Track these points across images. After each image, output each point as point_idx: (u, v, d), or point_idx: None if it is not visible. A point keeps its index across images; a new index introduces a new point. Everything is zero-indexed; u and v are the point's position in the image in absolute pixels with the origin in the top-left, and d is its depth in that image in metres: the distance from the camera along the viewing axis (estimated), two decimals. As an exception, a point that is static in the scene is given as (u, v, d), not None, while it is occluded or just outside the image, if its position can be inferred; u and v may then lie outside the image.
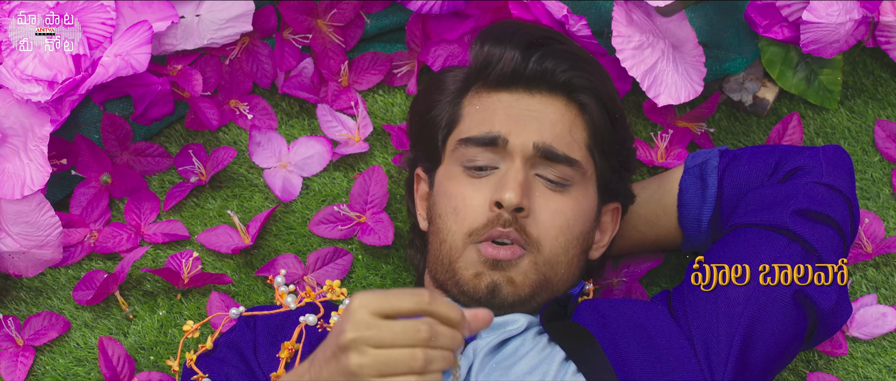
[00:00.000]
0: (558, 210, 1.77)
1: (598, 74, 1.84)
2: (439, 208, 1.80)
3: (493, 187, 1.76)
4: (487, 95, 1.82)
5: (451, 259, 1.76)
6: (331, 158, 2.03)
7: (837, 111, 2.06)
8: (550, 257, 1.76)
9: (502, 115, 1.79)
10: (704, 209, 1.86)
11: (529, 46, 1.81)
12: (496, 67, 1.80)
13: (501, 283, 1.74)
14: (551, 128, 1.78)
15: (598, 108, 1.81)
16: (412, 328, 1.38)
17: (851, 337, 1.99)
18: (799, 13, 1.96)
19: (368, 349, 1.38)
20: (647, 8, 1.95)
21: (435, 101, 1.85)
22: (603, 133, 1.82)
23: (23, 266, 1.98)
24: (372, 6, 2.05)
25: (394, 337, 1.38)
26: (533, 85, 1.80)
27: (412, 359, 1.37)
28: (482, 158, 1.78)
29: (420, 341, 1.37)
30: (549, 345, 1.74)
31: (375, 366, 1.38)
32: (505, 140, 1.77)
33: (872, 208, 2.03)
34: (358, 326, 1.39)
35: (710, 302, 1.76)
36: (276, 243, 2.02)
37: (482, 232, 1.75)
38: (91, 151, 1.99)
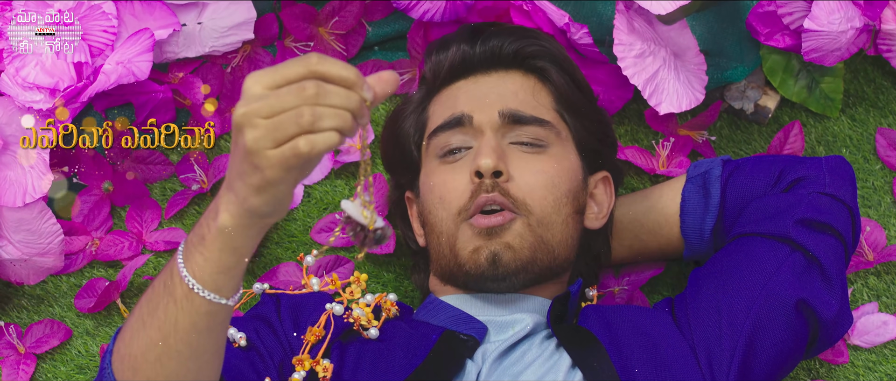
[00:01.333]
0: (539, 170, 1.78)
1: (547, 40, 1.87)
2: (428, 205, 1.81)
3: (469, 163, 1.77)
4: (447, 90, 1.85)
5: (451, 245, 1.77)
6: (332, 165, 2.03)
7: (839, 119, 2.06)
8: (542, 216, 1.76)
9: (464, 98, 1.82)
10: (707, 219, 1.86)
11: (473, 33, 1.85)
12: (447, 62, 1.84)
13: (500, 251, 1.74)
14: (513, 97, 1.81)
15: (556, 70, 1.84)
16: (297, 88, 1.30)
17: (853, 345, 1.99)
18: (800, 21, 1.96)
19: (259, 121, 1.31)
20: (648, 16, 1.95)
21: (400, 120, 1.88)
22: (567, 94, 1.84)
23: (24, 274, 1.98)
24: (373, 14, 2.05)
25: (282, 102, 1.30)
26: (486, 65, 1.84)
27: (298, 116, 1.29)
28: (454, 141, 1.80)
29: (307, 98, 1.30)
30: (556, 351, 1.74)
31: (267, 135, 1.30)
32: (469, 117, 1.79)
33: (874, 217, 2.03)
34: (248, 101, 1.32)
35: (713, 310, 1.76)
36: (278, 250, 2.01)
37: (469, 206, 1.75)
38: (93, 158, 1.99)
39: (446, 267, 1.79)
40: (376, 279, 2.01)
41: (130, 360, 1.49)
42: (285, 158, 1.31)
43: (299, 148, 1.30)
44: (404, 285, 2.01)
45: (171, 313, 1.44)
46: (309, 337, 1.73)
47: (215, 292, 1.42)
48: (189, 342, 1.45)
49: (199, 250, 1.41)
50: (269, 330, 1.74)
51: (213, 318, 1.44)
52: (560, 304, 1.78)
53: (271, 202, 1.35)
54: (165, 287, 1.45)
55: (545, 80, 1.84)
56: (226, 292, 1.43)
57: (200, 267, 1.42)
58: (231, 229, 1.38)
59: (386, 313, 1.80)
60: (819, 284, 1.76)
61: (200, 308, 1.43)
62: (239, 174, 1.35)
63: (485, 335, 1.76)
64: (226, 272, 1.42)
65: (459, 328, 1.76)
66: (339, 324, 1.76)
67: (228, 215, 1.38)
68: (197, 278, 1.42)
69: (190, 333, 1.45)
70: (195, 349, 1.46)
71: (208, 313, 1.43)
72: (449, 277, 1.79)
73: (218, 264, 1.41)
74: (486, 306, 1.79)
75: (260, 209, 1.35)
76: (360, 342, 1.75)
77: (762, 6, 1.98)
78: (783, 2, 1.96)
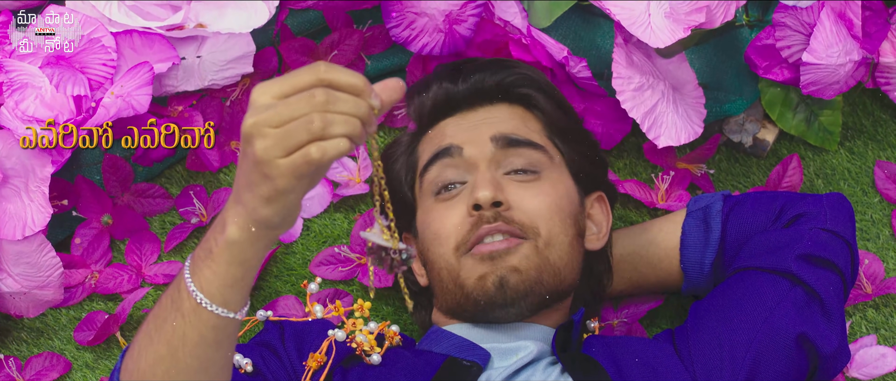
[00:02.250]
0: (540, 193, 1.78)
1: (527, 68, 1.87)
2: (426, 242, 1.81)
3: (466, 199, 1.77)
4: (434, 129, 1.86)
5: (454, 279, 1.77)
6: (331, 199, 2.03)
7: (837, 152, 2.07)
8: (550, 238, 1.76)
9: (452, 130, 1.83)
10: (707, 253, 1.87)
11: (453, 71, 1.86)
12: (429, 101, 1.84)
13: (506, 274, 1.74)
14: (504, 124, 1.82)
15: (542, 97, 1.85)
16: (307, 96, 1.30)
17: (851, 378, 1.99)
18: (798, 54, 1.96)
19: (269, 130, 1.30)
20: (647, 49, 1.95)
21: (390, 163, 1.88)
22: (556, 119, 1.85)
23: (24, 307, 1.98)
24: (372, 47, 2.05)
25: (291, 110, 1.30)
26: (471, 101, 1.85)
27: (309, 123, 1.29)
28: (447, 175, 1.80)
29: (317, 105, 1.29)
30: (560, 377, 1.74)
31: (278, 144, 1.30)
32: (459, 148, 1.80)
33: (872, 249, 2.03)
34: (256, 110, 1.32)
35: (714, 343, 1.76)
36: (277, 284, 2.02)
37: (469, 239, 1.75)
38: (92, 191, 1.99)
39: (452, 301, 1.78)
40: (375, 313, 2.00)
41: (139, 375, 1.49)
42: (296, 167, 1.30)
43: (311, 155, 1.29)
44: (404, 318, 2.01)
45: (179, 328, 1.44)
46: (310, 363, 1.73)
47: (223, 305, 1.42)
48: (197, 356, 1.45)
49: (207, 264, 1.41)
50: (274, 357, 1.74)
51: (222, 332, 1.44)
52: (564, 332, 1.79)
53: (281, 212, 1.35)
54: (173, 302, 1.45)
55: (532, 107, 1.85)
56: (234, 305, 1.43)
57: (208, 281, 1.42)
58: (239, 241, 1.38)
59: (389, 341, 1.80)
60: (819, 319, 1.77)
61: (209, 322, 1.43)
62: (248, 185, 1.34)
63: (488, 362, 1.76)
64: (234, 286, 1.41)
65: (463, 355, 1.76)
66: (340, 350, 1.76)
67: (236, 227, 1.38)
68: (205, 293, 1.42)
69: (198, 347, 1.44)
70: (204, 363, 1.46)
71: (216, 326, 1.43)
72: (456, 310, 1.79)
73: (226, 278, 1.41)
74: (490, 334, 1.79)
75: (270, 220, 1.35)
76: (363, 367, 1.76)
77: (761, 39, 1.98)
78: (781, 35, 1.96)
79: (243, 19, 1.96)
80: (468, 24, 1.99)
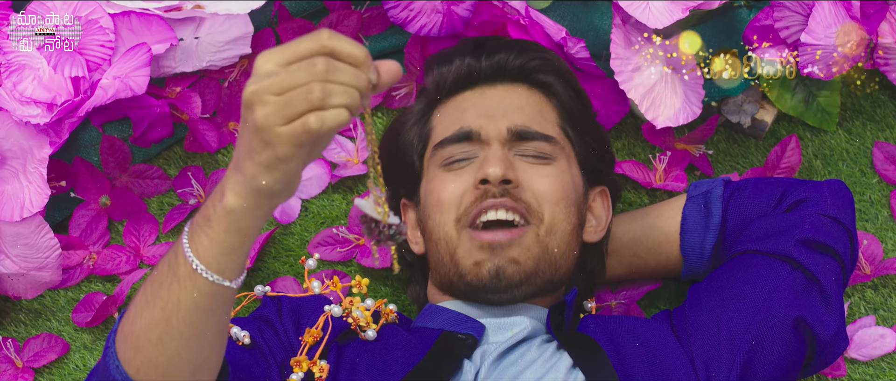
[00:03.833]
0: (549, 175, 1.78)
1: (551, 54, 1.87)
2: (427, 210, 1.81)
3: (474, 171, 1.78)
4: (451, 101, 1.85)
5: (451, 252, 1.77)
6: (329, 180, 2.03)
7: (836, 133, 2.06)
8: (552, 224, 1.77)
9: (471, 111, 1.82)
10: (708, 237, 1.87)
11: (477, 47, 1.85)
12: (451, 74, 1.84)
13: (504, 265, 1.75)
14: (520, 112, 1.81)
15: (561, 85, 1.85)
16: (307, 64, 1.30)
17: (850, 359, 1.99)
18: (797, 35, 1.96)
19: (270, 98, 1.31)
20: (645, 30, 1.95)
21: (400, 131, 1.88)
22: (571, 109, 1.85)
23: (22, 288, 1.98)
24: (371, 28, 2.05)
25: (292, 79, 1.30)
26: (492, 78, 1.85)
27: (309, 92, 1.29)
28: (459, 152, 1.80)
29: (317, 74, 1.30)
30: (555, 353, 1.74)
31: (278, 112, 1.30)
32: (477, 133, 1.80)
33: (871, 230, 2.03)
34: (258, 78, 1.32)
35: (713, 325, 1.76)
36: (275, 265, 2.02)
37: (471, 210, 1.76)
38: (90, 173, 1.99)
39: (445, 276, 1.79)
40: (373, 293, 2.00)
41: (133, 339, 1.49)
42: (296, 135, 1.31)
43: (310, 124, 1.30)
44: (401, 298, 2.01)
45: (174, 293, 1.44)
46: (307, 338, 1.74)
47: (219, 273, 1.42)
48: (190, 322, 1.45)
49: (205, 231, 1.41)
50: (271, 331, 1.75)
51: (216, 299, 1.44)
52: (557, 312, 1.79)
53: (282, 180, 1.35)
54: (170, 267, 1.45)
55: (550, 94, 1.85)
56: (229, 273, 1.43)
57: (205, 248, 1.42)
58: (238, 209, 1.38)
59: (384, 318, 1.80)
60: (818, 303, 1.77)
61: (203, 289, 1.43)
62: (249, 153, 1.34)
63: (483, 334, 1.76)
64: (230, 253, 1.42)
65: (457, 328, 1.77)
66: (336, 325, 1.76)
67: (235, 195, 1.38)
68: (201, 259, 1.42)
69: (191, 313, 1.44)
70: (197, 330, 1.46)
71: (211, 294, 1.43)
72: (448, 286, 1.80)
73: (223, 245, 1.41)
74: (485, 311, 1.79)
75: (270, 188, 1.35)
76: (358, 342, 1.76)
77: (759, 20, 1.98)
78: (780, 15, 1.96)
79: (241, 1, 1.96)
80: (466, 4, 1.99)
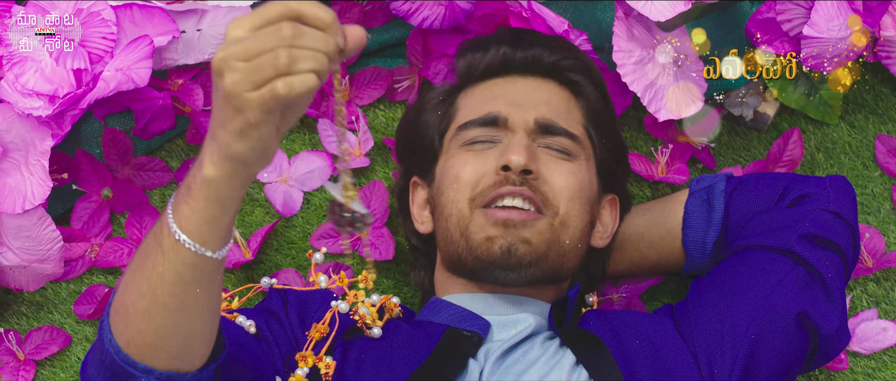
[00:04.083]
0: (569, 172, 1.78)
1: (583, 55, 1.88)
2: (441, 187, 1.80)
3: (497, 155, 1.77)
4: (480, 85, 1.85)
5: (462, 228, 1.77)
6: (332, 172, 2.03)
7: (838, 126, 2.06)
8: (566, 218, 1.77)
9: (500, 98, 1.82)
10: (710, 232, 1.87)
11: (514, 38, 1.86)
12: (485, 61, 1.84)
13: (516, 243, 1.74)
14: (548, 106, 1.81)
15: (590, 86, 1.85)
16: (274, 29, 1.29)
17: (852, 352, 1.99)
18: (799, 28, 1.96)
19: (238, 64, 1.30)
20: (647, 23, 1.95)
21: (422, 110, 1.88)
22: (598, 111, 1.85)
23: (24, 280, 1.98)
24: (373, 21, 2.05)
25: (260, 44, 1.30)
26: (524, 70, 1.85)
27: (275, 58, 1.28)
28: (483, 135, 1.80)
29: (283, 40, 1.29)
30: (559, 351, 1.75)
31: (246, 78, 1.30)
32: (505, 119, 1.80)
33: (873, 223, 2.03)
34: (227, 44, 1.31)
35: (715, 319, 1.76)
36: (277, 257, 2.02)
37: (487, 193, 1.75)
38: (92, 165, 1.99)
39: (454, 253, 1.78)
40: (376, 286, 2.00)
41: (123, 311, 1.49)
42: (265, 101, 1.30)
43: (277, 90, 1.29)
44: (404, 291, 2.01)
45: (159, 265, 1.44)
46: (313, 334, 1.73)
47: (201, 243, 1.41)
48: (175, 294, 1.44)
49: (186, 201, 1.41)
50: (277, 323, 1.75)
51: (199, 270, 1.43)
52: (559, 308, 1.79)
53: (255, 148, 1.34)
54: (155, 239, 1.45)
55: (578, 94, 1.85)
56: (211, 244, 1.42)
57: (186, 218, 1.41)
58: (215, 179, 1.38)
59: (389, 313, 1.80)
60: (821, 298, 1.77)
61: (186, 260, 1.42)
62: (221, 121, 1.34)
63: (488, 332, 1.76)
64: (211, 223, 1.41)
65: (463, 325, 1.77)
66: (342, 322, 1.76)
67: (212, 164, 1.37)
68: (183, 229, 1.41)
69: (176, 285, 1.44)
70: (182, 302, 1.45)
71: (194, 265, 1.42)
72: (457, 263, 1.79)
73: (203, 215, 1.40)
74: (490, 305, 1.79)
75: (243, 155, 1.35)
76: (364, 340, 1.76)
77: (761, 13, 1.98)
78: (782, 8, 1.96)
79: (243, -7, 1.96)
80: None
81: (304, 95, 1.30)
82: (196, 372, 1.51)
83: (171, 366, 1.49)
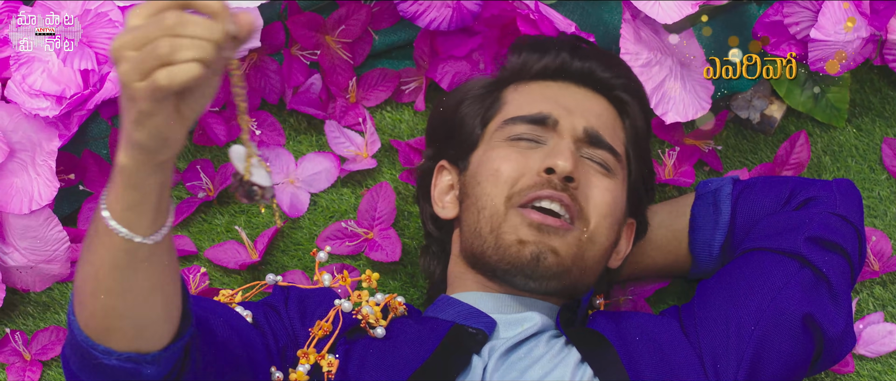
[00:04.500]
0: (607, 188, 1.79)
1: (635, 78, 1.89)
2: (478, 177, 1.80)
3: (542, 156, 1.77)
4: (533, 83, 1.86)
5: (493, 225, 1.76)
6: (338, 174, 2.03)
7: (845, 129, 2.06)
8: (595, 234, 1.77)
9: (552, 101, 1.82)
10: (717, 235, 1.87)
11: (574, 47, 1.86)
12: (542, 62, 1.84)
13: (546, 252, 1.74)
14: (597, 118, 1.82)
15: (637, 107, 1.86)
16: (157, 19, 1.29)
17: (858, 355, 1.99)
18: (807, 31, 1.96)
19: (128, 53, 1.29)
20: (655, 25, 1.95)
21: (465, 96, 1.87)
22: (639, 135, 1.86)
23: (30, 281, 1.98)
24: (380, 22, 2.05)
25: (147, 34, 1.29)
26: (578, 80, 1.85)
27: (156, 48, 1.28)
28: (529, 133, 1.80)
29: (166, 29, 1.28)
30: (563, 349, 1.74)
31: (135, 67, 1.29)
32: (555, 121, 1.80)
33: (879, 227, 2.03)
34: (123, 33, 1.32)
35: (721, 321, 1.76)
36: (284, 258, 2.02)
37: (526, 193, 1.75)
38: (99, 166, 1.99)
39: (479, 247, 1.78)
40: (382, 287, 2.01)
41: (78, 293, 1.50)
42: (151, 91, 1.30)
43: (158, 80, 1.29)
44: (411, 293, 2.01)
45: (98, 250, 1.44)
46: (316, 331, 1.73)
47: (128, 227, 1.41)
48: (115, 279, 1.45)
49: (111, 188, 1.42)
50: (276, 316, 1.75)
51: (132, 255, 1.43)
52: (569, 310, 1.79)
53: (153, 136, 1.34)
54: (94, 224, 1.45)
55: (624, 114, 1.86)
56: (139, 228, 1.42)
57: (112, 204, 1.42)
58: (127, 166, 1.38)
59: (393, 312, 1.79)
60: (827, 301, 1.77)
61: (118, 245, 1.42)
62: (123, 110, 1.35)
63: (493, 330, 1.76)
64: (133, 209, 1.41)
65: (468, 322, 1.76)
66: (346, 320, 1.76)
67: (122, 152, 1.38)
68: (112, 216, 1.42)
69: (113, 270, 1.44)
70: (123, 287, 1.45)
71: (127, 250, 1.42)
72: (479, 257, 1.78)
73: (124, 202, 1.41)
74: (497, 304, 1.79)
75: (144, 143, 1.35)
76: (368, 338, 1.76)
77: (769, 15, 1.98)
78: (790, 11, 1.96)
79: (251, -6, 1.96)
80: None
81: (190, 83, 1.29)
82: (158, 352, 1.50)
83: (130, 347, 1.49)
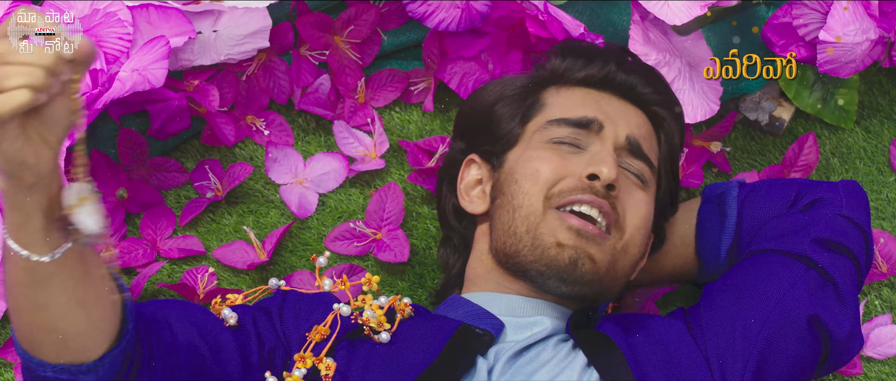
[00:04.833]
0: (643, 201, 1.79)
1: (673, 95, 1.88)
2: (516, 175, 1.79)
3: (585, 162, 1.77)
4: (577, 88, 1.85)
5: (530, 225, 1.76)
6: (347, 174, 2.03)
7: (853, 131, 2.07)
8: (628, 244, 1.77)
9: (595, 106, 1.82)
10: (724, 238, 1.87)
11: (621, 58, 1.86)
12: (587, 69, 1.84)
13: (583, 259, 1.74)
14: (638, 129, 1.82)
15: (674, 127, 1.86)
16: None
17: (866, 357, 1.99)
18: (815, 33, 1.96)
19: None
20: (663, 26, 1.95)
21: (503, 93, 1.87)
22: (672, 153, 1.86)
23: (38, 280, 1.98)
24: (389, 23, 2.05)
25: None
26: (620, 92, 1.85)
27: None
28: (571, 136, 1.80)
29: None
30: (571, 352, 1.74)
31: None
32: (600, 125, 1.80)
33: (888, 229, 2.03)
34: None
35: (727, 323, 1.77)
36: (292, 259, 2.02)
37: (566, 196, 1.75)
38: (107, 165, 1.99)
39: (512, 246, 1.77)
40: (390, 288, 2.01)
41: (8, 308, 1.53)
42: None
43: None
44: (418, 293, 2.01)
45: (7, 268, 1.46)
46: (313, 335, 1.73)
47: (25, 247, 1.43)
48: (25, 296, 1.46)
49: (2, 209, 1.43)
50: (267, 318, 1.75)
51: (35, 274, 1.44)
52: (582, 315, 1.79)
53: (7, 160, 1.36)
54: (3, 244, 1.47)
55: (660, 130, 1.86)
56: (34, 248, 1.43)
57: (6, 225, 1.43)
58: (4, 188, 1.40)
59: (400, 314, 1.78)
60: (833, 302, 1.77)
61: (21, 264, 1.44)
62: None
63: (501, 332, 1.76)
64: (22, 228, 1.42)
65: (476, 323, 1.76)
66: (345, 324, 1.75)
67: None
68: (9, 235, 1.43)
69: (22, 287, 1.45)
70: (35, 304, 1.46)
71: (29, 269, 1.44)
72: (511, 256, 1.77)
73: (13, 221, 1.42)
74: (511, 307, 1.79)
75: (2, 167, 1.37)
76: (372, 340, 1.75)
77: (777, 17, 1.98)
78: (798, 13, 1.96)
79: (259, -6, 1.96)
80: (485, 0, 1.99)
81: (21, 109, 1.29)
82: (94, 361, 1.52)
83: (61, 358, 1.50)
